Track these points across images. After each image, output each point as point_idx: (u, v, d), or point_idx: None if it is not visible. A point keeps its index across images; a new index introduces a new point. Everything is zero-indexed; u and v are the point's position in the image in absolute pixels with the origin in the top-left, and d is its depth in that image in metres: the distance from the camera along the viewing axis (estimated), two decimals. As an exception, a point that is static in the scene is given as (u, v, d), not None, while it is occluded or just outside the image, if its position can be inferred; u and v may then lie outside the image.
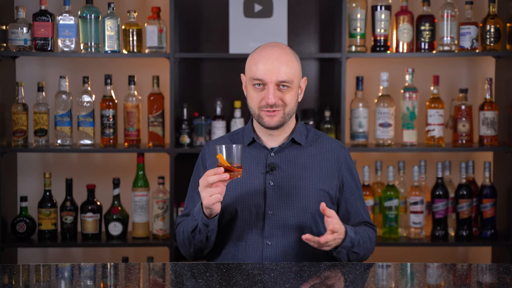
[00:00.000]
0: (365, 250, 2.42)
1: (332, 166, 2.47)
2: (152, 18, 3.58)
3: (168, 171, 3.74)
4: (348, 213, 2.49)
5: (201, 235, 2.35)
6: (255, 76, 2.38)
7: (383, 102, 3.64)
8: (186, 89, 3.82)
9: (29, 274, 2.21)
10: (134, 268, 2.26)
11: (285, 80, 2.36)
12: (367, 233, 2.44)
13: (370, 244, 2.44)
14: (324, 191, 2.44)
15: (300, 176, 2.43)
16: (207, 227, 2.32)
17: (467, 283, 2.15)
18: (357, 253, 2.38)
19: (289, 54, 2.40)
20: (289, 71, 2.37)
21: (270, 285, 2.05)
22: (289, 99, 2.39)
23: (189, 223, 2.38)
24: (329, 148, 2.49)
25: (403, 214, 3.67)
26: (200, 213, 2.31)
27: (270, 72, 2.36)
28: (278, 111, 2.38)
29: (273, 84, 2.36)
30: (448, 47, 3.59)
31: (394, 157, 3.88)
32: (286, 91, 2.38)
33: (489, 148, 3.63)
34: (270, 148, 2.47)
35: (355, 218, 2.49)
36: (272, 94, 2.36)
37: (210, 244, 2.41)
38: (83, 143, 3.60)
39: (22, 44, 3.52)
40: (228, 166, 2.24)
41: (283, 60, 2.37)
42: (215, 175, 2.22)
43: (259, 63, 2.37)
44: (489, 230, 3.64)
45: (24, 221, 3.59)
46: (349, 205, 2.48)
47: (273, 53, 2.38)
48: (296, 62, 2.41)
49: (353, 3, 3.60)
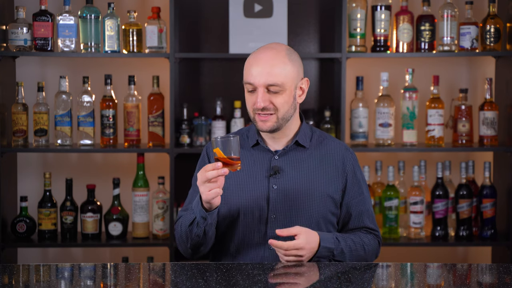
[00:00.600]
0: (355, 259, 2.40)
1: (336, 169, 2.44)
2: (152, 18, 3.58)
3: (168, 171, 3.74)
4: (349, 216, 2.47)
5: (198, 229, 2.33)
6: (246, 80, 2.36)
7: (383, 102, 3.64)
8: (186, 89, 3.82)
9: (29, 274, 2.21)
10: (134, 268, 2.26)
11: (274, 83, 2.33)
12: (360, 240, 2.42)
13: (365, 252, 2.42)
14: (328, 195, 2.42)
15: (304, 180, 2.41)
16: (205, 220, 2.30)
17: (467, 283, 2.15)
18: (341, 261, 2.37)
19: (283, 56, 2.36)
20: (279, 73, 2.33)
21: (270, 285, 2.05)
22: (281, 103, 2.35)
23: (187, 217, 2.36)
24: (334, 151, 2.46)
25: (403, 214, 3.67)
26: (198, 206, 2.29)
27: (259, 75, 2.33)
28: (270, 116, 2.35)
29: (262, 88, 2.33)
30: (448, 47, 3.59)
31: (394, 157, 3.88)
32: (277, 95, 2.34)
33: (489, 148, 3.63)
34: (274, 151, 2.44)
35: (354, 223, 2.47)
36: (261, 98, 2.33)
37: (208, 241, 2.38)
38: (83, 143, 3.60)
39: (22, 44, 3.52)
40: (226, 159, 2.21)
41: (274, 63, 2.33)
42: (213, 170, 2.20)
43: (251, 67, 2.36)
44: (489, 230, 3.64)
45: (24, 221, 3.59)
46: (350, 208, 2.46)
47: (264, 56, 2.35)
48: (290, 64, 2.36)
49: (353, 3, 3.60)
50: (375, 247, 2.47)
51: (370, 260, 2.46)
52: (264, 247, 2.39)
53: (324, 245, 2.33)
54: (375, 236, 2.48)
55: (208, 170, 2.21)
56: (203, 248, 2.41)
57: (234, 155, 2.22)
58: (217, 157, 2.22)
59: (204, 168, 2.22)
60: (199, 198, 2.30)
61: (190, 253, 2.44)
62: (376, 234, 2.49)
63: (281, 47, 2.39)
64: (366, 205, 2.48)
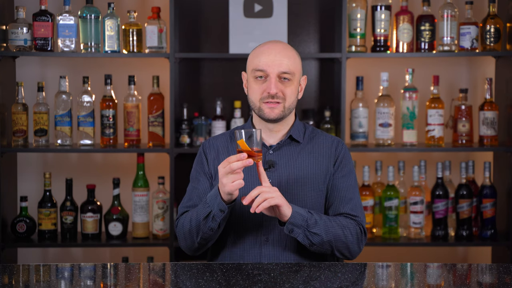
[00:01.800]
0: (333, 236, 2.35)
1: (328, 162, 2.48)
2: (152, 18, 3.58)
3: (168, 171, 3.74)
4: (332, 201, 2.46)
5: (213, 223, 2.33)
6: (257, 67, 2.40)
7: (383, 102, 3.64)
8: (186, 89, 3.82)
9: (29, 274, 2.21)
10: (134, 268, 2.26)
11: (287, 71, 2.39)
12: (337, 220, 2.38)
13: (343, 233, 2.36)
14: (322, 188, 2.46)
15: (298, 173, 2.45)
16: (223, 212, 2.31)
17: (467, 283, 2.15)
18: (317, 234, 2.32)
19: (291, 49, 2.45)
20: (291, 64, 2.41)
21: (270, 285, 2.05)
22: (290, 93, 2.41)
23: (200, 211, 2.36)
24: (326, 143, 2.51)
25: (403, 214, 3.67)
26: (217, 198, 2.29)
27: (272, 62, 2.39)
28: (279, 104, 2.40)
29: (275, 75, 2.39)
30: (448, 47, 3.59)
31: (394, 157, 3.88)
32: (287, 84, 2.41)
33: (489, 148, 3.63)
34: (268, 146, 2.48)
35: (335, 208, 2.45)
36: (274, 84, 2.38)
37: (217, 235, 2.40)
38: (83, 143, 3.60)
39: (22, 44, 3.52)
40: (249, 151, 2.23)
41: (285, 54, 2.41)
42: (238, 161, 2.22)
43: (262, 55, 2.41)
44: (489, 230, 3.64)
45: (24, 221, 3.59)
46: (333, 193, 2.46)
47: (276, 47, 2.42)
48: (298, 58, 2.46)
49: (353, 3, 3.60)
50: (356, 232, 2.41)
51: (352, 247, 2.40)
52: (260, 239, 2.41)
53: (296, 210, 2.31)
54: (356, 222, 2.43)
55: (232, 161, 2.22)
56: (211, 242, 2.42)
57: (256, 147, 2.25)
58: (240, 149, 2.24)
59: (227, 160, 2.23)
60: (217, 191, 2.30)
61: (196, 248, 2.44)
62: (356, 221, 2.43)
63: (286, 43, 2.49)
64: (350, 194, 2.46)
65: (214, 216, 2.32)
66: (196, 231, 2.38)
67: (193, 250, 2.46)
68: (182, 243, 2.46)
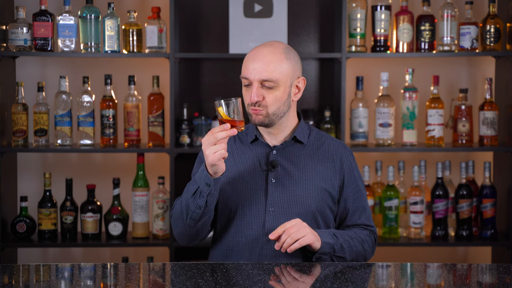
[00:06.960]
0: (355, 255, 2.43)
1: (334, 165, 2.48)
2: (152, 18, 3.58)
3: (168, 171, 3.74)
4: (346, 213, 2.51)
5: (201, 199, 2.32)
6: (243, 75, 2.41)
7: (383, 102, 3.64)
8: (186, 89, 3.82)
9: (29, 274, 2.21)
10: (134, 268, 2.26)
11: (268, 79, 2.37)
12: (357, 236, 2.46)
13: (363, 247, 2.46)
14: (325, 189, 2.46)
15: (302, 174, 2.45)
16: (209, 187, 2.30)
17: (467, 283, 2.15)
18: (342, 258, 2.40)
19: (280, 53, 2.39)
20: (274, 70, 2.37)
21: (270, 285, 2.05)
22: (272, 100, 2.38)
23: (189, 189, 2.36)
24: (332, 148, 2.51)
25: (403, 214, 3.67)
26: (203, 173, 2.30)
27: (254, 70, 2.38)
28: (260, 111, 2.39)
29: (256, 83, 2.38)
30: (448, 47, 3.59)
31: (394, 157, 3.88)
32: (271, 91, 2.38)
33: (489, 148, 3.63)
34: (272, 146, 2.48)
35: (351, 220, 2.51)
36: (255, 92, 2.37)
37: (207, 218, 2.37)
38: (83, 143, 3.60)
39: (22, 44, 3.52)
40: (230, 120, 2.26)
41: (269, 60, 2.37)
42: (222, 131, 2.24)
43: (247, 62, 2.41)
44: (489, 230, 3.64)
45: (24, 221, 3.59)
46: (347, 205, 2.50)
47: (261, 53, 2.40)
48: (287, 62, 2.40)
49: (353, 3, 3.60)
50: (372, 243, 2.51)
51: (368, 256, 2.49)
52: (262, 240, 2.41)
53: (325, 241, 2.35)
54: (371, 232, 2.52)
55: (216, 132, 2.25)
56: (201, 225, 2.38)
57: (237, 117, 2.27)
58: (221, 118, 2.26)
59: (211, 131, 2.26)
60: (204, 167, 2.31)
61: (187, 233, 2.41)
62: (372, 231, 2.52)
63: (279, 45, 2.43)
64: (363, 203, 2.52)
65: (201, 192, 2.32)
66: (186, 211, 2.37)
67: (186, 237, 2.43)
68: (175, 230, 2.44)
